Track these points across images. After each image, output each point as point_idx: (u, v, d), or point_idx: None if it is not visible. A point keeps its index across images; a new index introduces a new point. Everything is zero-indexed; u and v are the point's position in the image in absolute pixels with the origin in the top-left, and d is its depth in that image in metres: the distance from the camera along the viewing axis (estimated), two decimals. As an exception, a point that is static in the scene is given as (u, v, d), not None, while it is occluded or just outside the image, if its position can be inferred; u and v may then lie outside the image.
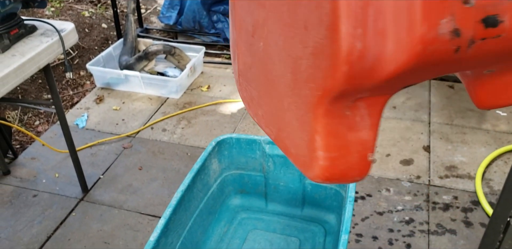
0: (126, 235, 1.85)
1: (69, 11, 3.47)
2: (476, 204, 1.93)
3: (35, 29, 1.62)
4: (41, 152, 2.30)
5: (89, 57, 3.09)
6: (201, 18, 3.08)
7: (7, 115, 2.56)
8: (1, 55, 1.48)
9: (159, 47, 2.69)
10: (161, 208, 1.97)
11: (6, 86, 1.43)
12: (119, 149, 2.31)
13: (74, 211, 1.97)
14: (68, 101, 2.75)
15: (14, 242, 1.83)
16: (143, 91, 2.72)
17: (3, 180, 2.13)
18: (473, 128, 2.36)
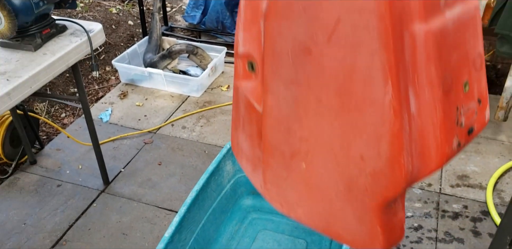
0: (143, 228, 1.93)
1: (97, 7, 3.57)
2: (486, 214, 1.95)
3: (65, 29, 1.70)
4: (66, 143, 2.40)
5: (115, 53, 3.19)
6: (224, 18, 3.14)
7: (35, 107, 2.67)
8: (33, 54, 1.57)
9: (182, 47, 2.76)
10: (177, 203, 2.04)
11: (37, 83, 1.51)
12: (140, 144, 2.39)
13: (95, 202, 2.06)
14: (93, 96, 2.85)
15: (38, 229, 1.93)
16: (165, 88, 2.79)
17: (30, 169, 2.24)
18: (488, 138, 2.36)
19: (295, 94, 0.71)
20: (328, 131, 0.70)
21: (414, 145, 0.67)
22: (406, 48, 0.64)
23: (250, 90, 0.77)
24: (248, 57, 0.76)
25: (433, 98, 0.67)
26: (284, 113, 0.73)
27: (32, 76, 1.47)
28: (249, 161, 0.85)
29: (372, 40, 0.62)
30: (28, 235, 1.90)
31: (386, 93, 0.63)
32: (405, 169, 0.66)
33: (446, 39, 0.68)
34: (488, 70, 2.95)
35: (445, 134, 0.69)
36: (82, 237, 1.89)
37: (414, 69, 0.66)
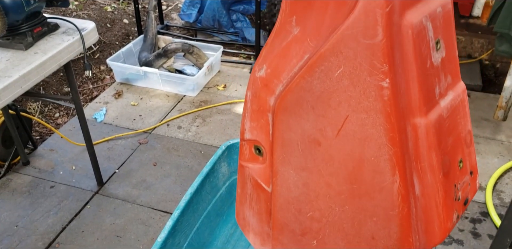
0: (138, 230, 1.90)
1: (92, 5, 3.53)
2: (485, 215, 1.92)
3: (58, 28, 1.67)
4: (60, 144, 2.36)
5: (109, 52, 3.15)
6: (221, 17, 3.11)
7: (28, 107, 2.64)
8: (24, 53, 1.53)
9: (178, 46, 2.73)
10: (173, 204, 2.02)
11: (28, 83, 1.48)
12: (135, 144, 2.36)
13: (89, 204, 2.03)
14: (87, 95, 2.82)
15: (31, 231, 1.90)
16: (161, 88, 2.76)
17: (23, 170, 2.20)
18: (487, 138, 2.34)
19: (305, 179, 0.76)
20: (339, 213, 0.75)
21: (419, 223, 0.75)
22: (409, 139, 0.71)
23: (258, 172, 0.82)
24: (255, 143, 0.81)
25: (435, 181, 0.74)
26: (294, 195, 0.77)
27: (23, 76, 1.45)
28: (257, 235, 0.88)
29: (379, 136, 0.68)
30: (20, 237, 1.87)
31: (394, 181, 0.69)
32: (414, 246, 0.74)
33: (443, 126, 0.75)
34: (487, 69, 2.94)
35: (446, 211, 0.76)
36: (75, 240, 1.86)
37: (417, 157, 0.72)
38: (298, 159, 0.75)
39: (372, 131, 0.68)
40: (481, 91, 2.72)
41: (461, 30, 2.99)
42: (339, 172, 0.72)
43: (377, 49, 0.63)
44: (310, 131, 0.72)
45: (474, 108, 2.57)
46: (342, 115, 0.69)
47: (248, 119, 0.80)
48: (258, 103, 0.77)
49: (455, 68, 0.80)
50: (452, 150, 0.78)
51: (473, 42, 2.90)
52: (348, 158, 0.71)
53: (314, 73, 0.68)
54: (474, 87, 2.73)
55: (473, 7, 3.11)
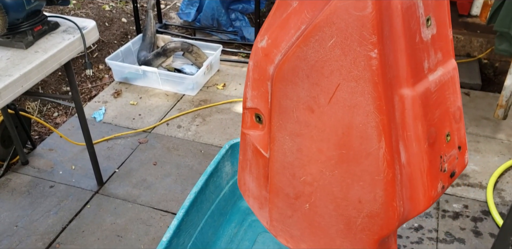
0: (138, 229, 1.89)
1: (90, 4, 3.51)
2: (487, 214, 1.93)
3: (58, 26, 1.66)
4: (59, 143, 2.35)
5: (108, 51, 3.13)
6: (220, 16, 3.10)
7: (27, 106, 2.62)
8: (24, 51, 1.52)
9: (177, 44, 2.72)
10: (173, 204, 2.01)
11: (28, 82, 1.47)
12: (135, 144, 2.35)
13: (89, 204, 2.01)
14: (86, 94, 2.80)
15: (31, 231, 1.88)
16: (160, 87, 2.75)
17: (22, 170, 2.19)
18: (487, 137, 2.35)
19: (299, 145, 0.80)
20: (329, 177, 0.80)
21: (404, 190, 0.79)
22: (396, 109, 0.75)
23: (258, 138, 0.87)
24: (256, 111, 0.86)
25: (420, 150, 0.78)
26: (289, 160, 0.82)
27: (24, 75, 1.43)
28: (256, 200, 0.93)
29: (367, 104, 0.72)
30: (20, 237, 1.86)
31: (380, 147, 0.74)
32: (398, 211, 0.78)
33: (430, 99, 0.79)
34: (486, 68, 2.94)
35: (431, 180, 0.80)
36: (75, 240, 1.85)
37: (403, 126, 0.77)
38: (293, 126, 0.79)
39: (360, 98, 0.72)
40: (480, 90, 2.72)
41: (460, 29, 2.99)
42: (329, 138, 0.77)
43: (367, 21, 0.67)
44: (304, 98, 0.77)
45: (474, 107, 2.57)
46: (334, 84, 0.73)
47: (249, 88, 0.85)
48: (259, 72, 0.82)
49: (446, 46, 0.84)
50: (439, 123, 0.82)
51: (472, 41, 2.91)
52: (338, 124, 0.75)
53: (309, 43, 0.72)
54: (474, 86, 2.74)
55: (472, 6, 3.11)
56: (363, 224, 0.80)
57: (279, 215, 0.89)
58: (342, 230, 0.83)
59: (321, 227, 0.85)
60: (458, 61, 2.88)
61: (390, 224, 0.78)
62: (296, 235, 0.89)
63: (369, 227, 0.80)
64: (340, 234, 0.83)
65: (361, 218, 0.80)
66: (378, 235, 0.80)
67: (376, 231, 0.80)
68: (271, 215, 0.91)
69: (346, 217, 0.81)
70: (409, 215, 0.82)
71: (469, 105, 2.58)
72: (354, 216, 0.80)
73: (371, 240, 0.81)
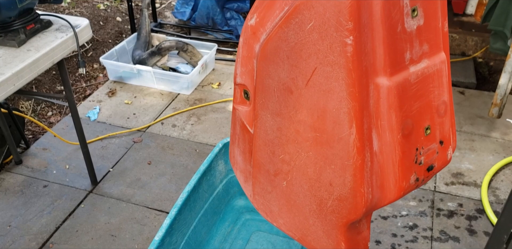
0: (132, 229, 1.88)
1: (84, 3, 3.50)
2: (481, 212, 1.93)
3: (51, 24, 1.65)
4: (53, 143, 2.34)
5: (103, 50, 3.12)
6: (215, 15, 3.09)
7: (20, 105, 2.60)
8: (16, 50, 1.51)
9: (172, 43, 2.71)
10: (168, 203, 2.00)
11: (21, 81, 1.46)
12: (129, 143, 2.34)
13: (83, 203, 2.00)
14: (80, 93, 2.79)
15: (24, 231, 1.87)
16: (155, 86, 2.74)
17: (15, 169, 2.17)
18: (482, 136, 2.35)
19: (278, 124, 0.82)
20: (304, 158, 0.81)
21: (375, 177, 0.80)
22: (371, 97, 0.76)
23: (245, 114, 0.89)
24: (244, 87, 0.87)
25: (392, 140, 0.79)
26: (269, 138, 0.85)
27: (16, 74, 1.42)
28: (242, 173, 0.96)
29: (341, 89, 0.73)
30: (13, 237, 1.85)
31: (351, 133, 0.75)
32: (365, 197, 0.79)
33: (408, 90, 0.79)
34: (481, 67, 2.94)
35: (403, 171, 0.81)
36: (69, 239, 1.84)
37: (377, 115, 0.77)
38: (274, 105, 0.81)
39: (335, 84, 0.73)
40: (475, 89, 2.72)
41: (455, 28, 3.00)
42: (306, 120, 0.78)
43: (344, 7, 0.68)
44: (284, 79, 0.78)
45: (468, 105, 2.57)
46: (311, 67, 0.74)
47: (239, 65, 0.86)
48: (247, 49, 0.83)
49: (436, 38, 0.83)
50: (417, 115, 0.82)
51: (467, 40, 2.91)
52: (314, 107, 0.77)
53: (290, 24, 0.73)
54: (469, 85, 2.74)
55: (466, 5, 3.12)
56: (333, 206, 0.82)
57: (260, 189, 0.91)
58: (314, 210, 0.85)
59: (296, 205, 0.87)
60: (453, 60, 2.89)
61: (358, 209, 0.80)
62: (275, 210, 0.91)
63: (338, 210, 0.82)
64: (312, 214, 0.85)
65: (331, 200, 0.82)
66: (346, 219, 0.82)
67: (344, 215, 0.81)
68: (254, 189, 0.93)
69: (318, 198, 0.83)
70: (379, 203, 0.83)
71: (464, 104, 2.59)
72: (325, 198, 0.82)
73: (340, 223, 0.83)
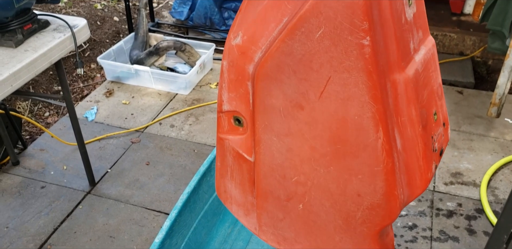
0: (131, 230, 1.87)
1: (81, 3, 3.48)
2: (480, 212, 1.93)
3: (48, 25, 1.64)
4: (50, 143, 2.32)
5: (100, 50, 3.11)
6: (213, 14, 3.08)
7: (17, 106, 2.59)
8: (14, 50, 1.50)
9: (170, 43, 2.70)
10: (166, 204, 1.99)
11: (18, 81, 1.45)
12: (127, 143, 2.33)
13: (81, 204, 1.99)
14: (78, 94, 2.78)
15: (21, 233, 1.86)
16: (153, 86, 2.73)
17: (13, 170, 2.16)
18: (481, 135, 2.35)
19: (288, 145, 0.77)
20: (324, 174, 0.76)
21: (402, 176, 0.77)
22: (389, 95, 0.72)
23: (239, 142, 0.82)
24: (234, 113, 0.80)
25: (415, 134, 0.76)
26: (278, 162, 0.79)
27: (13, 74, 1.41)
28: (240, 207, 0.89)
29: (362, 94, 0.69)
30: (11, 239, 1.83)
31: (378, 138, 0.71)
32: (399, 200, 0.76)
33: (419, 80, 0.77)
34: (479, 66, 2.95)
35: (426, 162, 0.79)
36: (67, 241, 1.83)
37: (397, 112, 0.74)
38: (281, 125, 0.76)
39: (354, 89, 0.69)
40: (473, 88, 2.73)
41: (452, 27, 3.00)
42: (322, 134, 0.73)
43: (357, 7, 0.64)
44: (292, 95, 0.73)
45: (467, 105, 2.57)
46: (324, 77, 0.69)
47: (225, 90, 0.79)
48: (236, 72, 0.76)
49: (424, 23, 0.82)
50: (427, 103, 0.80)
51: (465, 40, 2.92)
52: (332, 119, 0.72)
53: (295, 36, 0.68)
54: (467, 85, 2.74)
55: (464, 5, 3.12)
56: (364, 217, 0.78)
57: (269, 219, 0.86)
58: (340, 225, 0.80)
59: (317, 225, 0.82)
60: (451, 60, 2.90)
61: (392, 213, 0.76)
62: (290, 237, 0.86)
63: (370, 219, 0.78)
64: (339, 230, 0.81)
65: (361, 211, 0.78)
66: (380, 226, 0.78)
67: (377, 222, 0.77)
68: (259, 221, 0.87)
69: (344, 212, 0.78)
70: (408, 200, 0.80)
71: (463, 103, 2.59)
72: (353, 210, 0.78)
73: (373, 232, 0.79)
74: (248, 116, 0.79)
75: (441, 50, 2.98)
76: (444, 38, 2.93)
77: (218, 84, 0.80)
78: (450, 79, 2.76)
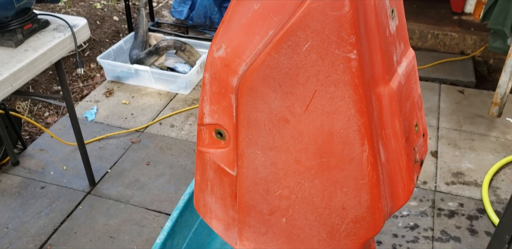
0: (131, 230, 1.86)
1: (81, 2, 3.47)
2: (482, 212, 1.92)
3: (48, 24, 1.63)
4: (50, 143, 2.32)
5: (99, 49, 3.10)
6: (212, 14, 3.08)
7: (17, 106, 2.58)
8: (14, 50, 1.49)
9: (170, 43, 2.69)
10: (167, 204, 1.98)
11: (18, 81, 1.44)
12: (127, 143, 2.32)
13: (81, 204, 1.99)
14: (78, 94, 2.77)
15: (21, 233, 1.85)
16: (153, 86, 2.72)
17: (12, 171, 2.15)
18: (482, 135, 2.34)
19: (273, 159, 0.75)
20: (308, 188, 0.75)
21: (386, 188, 0.77)
22: (374, 108, 0.72)
23: (220, 156, 0.80)
24: (216, 126, 0.78)
25: (398, 146, 0.76)
26: (261, 176, 0.77)
27: (13, 74, 1.40)
28: (220, 222, 0.87)
29: (348, 107, 0.68)
30: (11, 239, 1.83)
31: (363, 151, 0.71)
32: (383, 211, 0.76)
33: (402, 92, 0.77)
34: (480, 65, 2.94)
35: (409, 174, 0.79)
36: (67, 241, 1.82)
37: (381, 125, 0.74)
38: (265, 139, 0.74)
39: (341, 103, 0.69)
40: (474, 88, 2.72)
41: (453, 26, 2.99)
42: (308, 148, 0.73)
43: (345, 21, 0.64)
44: (277, 109, 0.72)
45: (468, 105, 2.57)
46: (311, 91, 0.69)
47: (207, 103, 0.77)
48: (219, 85, 0.74)
49: (405, 35, 0.82)
50: (409, 115, 0.80)
51: (466, 39, 2.91)
52: (317, 132, 0.71)
53: (281, 49, 0.67)
54: (468, 84, 2.74)
55: (465, 4, 3.11)
56: (348, 229, 0.78)
57: (251, 233, 0.84)
58: (324, 239, 0.80)
59: (300, 239, 0.81)
60: (452, 59, 2.89)
61: (377, 226, 0.77)
62: None
63: (354, 232, 0.78)
64: (322, 244, 0.80)
65: (345, 224, 0.78)
66: (364, 238, 0.78)
67: (362, 235, 0.78)
68: (241, 235, 0.85)
69: (328, 226, 0.78)
70: (391, 212, 0.81)
71: (463, 103, 2.58)
72: (338, 224, 0.78)
73: (357, 244, 0.79)
74: (230, 129, 0.77)
75: (442, 49, 2.97)
76: (445, 38, 2.92)
77: (200, 97, 0.78)
78: (451, 79, 2.75)
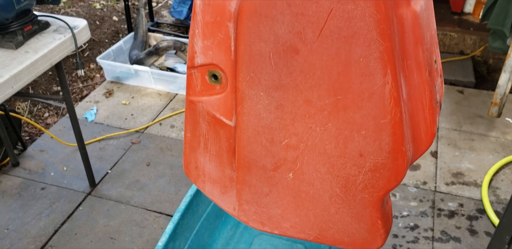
0: (132, 231, 1.86)
1: (80, 2, 3.47)
2: (482, 212, 1.93)
3: (48, 26, 1.63)
4: (50, 144, 2.32)
5: (99, 50, 3.10)
6: (213, 13, 3.07)
7: (17, 106, 2.58)
8: (14, 52, 1.49)
9: (170, 43, 2.69)
10: (167, 205, 1.99)
11: (19, 83, 1.44)
12: (128, 144, 2.32)
13: (82, 205, 1.99)
14: (77, 94, 2.77)
15: (22, 234, 1.85)
16: (153, 86, 2.72)
17: (12, 172, 2.15)
18: (482, 135, 2.35)
19: (278, 101, 0.65)
20: (320, 134, 0.65)
21: (407, 130, 0.66)
22: (396, 33, 0.62)
23: (216, 104, 0.69)
24: (210, 67, 0.67)
25: (421, 80, 0.66)
26: (265, 123, 0.67)
27: (14, 76, 1.40)
28: (215, 184, 0.76)
29: (369, 29, 0.58)
30: (11, 241, 1.83)
31: (386, 83, 0.60)
32: (407, 157, 0.65)
33: (423, 19, 0.66)
34: (479, 65, 2.95)
35: (432, 114, 0.69)
36: (68, 242, 1.82)
37: (403, 54, 0.63)
38: (271, 76, 0.63)
39: (360, 24, 0.58)
40: (474, 88, 2.72)
41: (453, 26, 2.99)
42: (321, 84, 0.62)
43: None
44: (285, 36, 0.60)
45: (468, 105, 2.57)
46: (326, 9, 0.58)
47: (199, 38, 0.65)
48: (213, 12, 0.63)
49: None
50: (430, 48, 0.70)
51: (465, 39, 2.91)
52: (332, 63, 0.61)
53: None
54: (467, 84, 2.74)
55: (465, 4, 3.11)
56: (365, 181, 0.67)
57: (251, 195, 0.73)
58: (337, 194, 0.69)
59: (309, 197, 0.70)
60: (452, 59, 2.89)
61: (399, 174, 0.65)
62: (276, 214, 0.74)
63: (372, 183, 0.67)
64: (335, 200, 0.70)
65: (363, 174, 0.67)
66: (384, 191, 0.67)
67: (381, 186, 0.66)
68: (240, 198, 0.74)
69: (343, 178, 0.67)
70: (413, 159, 0.69)
71: (463, 103, 2.58)
72: (354, 174, 0.67)
73: (375, 198, 0.68)
74: (228, 68, 0.65)
75: (441, 49, 2.97)
76: (445, 38, 2.93)
77: (190, 31, 0.65)
78: (450, 79, 2.75)
